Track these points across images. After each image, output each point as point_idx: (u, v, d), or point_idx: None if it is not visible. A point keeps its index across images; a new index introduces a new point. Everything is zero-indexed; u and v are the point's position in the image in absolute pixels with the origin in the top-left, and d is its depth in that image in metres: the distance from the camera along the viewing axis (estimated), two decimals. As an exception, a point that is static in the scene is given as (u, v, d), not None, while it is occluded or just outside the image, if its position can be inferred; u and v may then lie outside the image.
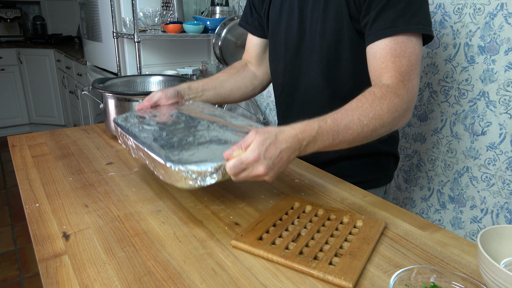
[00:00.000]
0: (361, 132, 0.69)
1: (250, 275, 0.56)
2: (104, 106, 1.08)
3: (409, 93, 0.73)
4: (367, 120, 0.69)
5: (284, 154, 0.63)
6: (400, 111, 0.72)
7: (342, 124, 0.68)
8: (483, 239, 0.53)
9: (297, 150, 0.65)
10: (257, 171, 0.62)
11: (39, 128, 4.01)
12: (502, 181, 1.24)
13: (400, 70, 0.74)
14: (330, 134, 0.67)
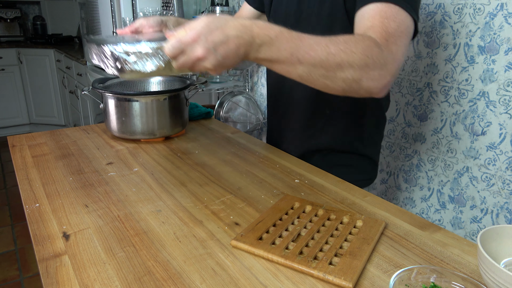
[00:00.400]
0: (324, 60, 0.60)
1: (250, 275, 0.56)
2: (104, 106, 1.08)
3: (391, 55, 0.65)
4: (335, 49, 0.61)
5: (231, 43, 0.57)
6: (375, 60, 0.63)
7: (306, 42, 0.60)
8: (483, 239, 0.53)
9: (248, 45, 0.58)
10: (195, 52, 0.57)
11: (39, 128, 4.01)
12: (502, 181, 1.24)
13: (387, 30, 0.67)
14: (290, 45, 0.60)
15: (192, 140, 1.12)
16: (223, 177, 0.88)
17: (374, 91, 0.65)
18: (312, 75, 0.62)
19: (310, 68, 0.61)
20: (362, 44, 0.62)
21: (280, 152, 1.04)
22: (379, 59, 0.63)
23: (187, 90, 1.12)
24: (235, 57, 0.59)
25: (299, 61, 0.60)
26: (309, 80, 0.64)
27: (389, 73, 0.65)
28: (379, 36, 0.67)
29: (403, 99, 1.51)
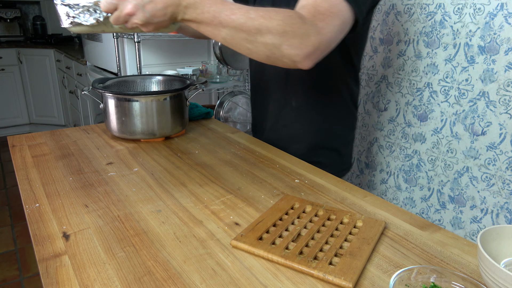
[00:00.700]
0: (243, 23, 0.66)
1: (250, 275, 0.56)
2: (104, 106, 1.08)
3: (315, 28, 0.69)
4: (255, 15, 0.66)
5: (159, 2, 0.65)
6: (295, 30, 0.66)
7: (228, 6, 0.67)
8: (483, 239, 0.53)
9: (175, 5, 0.66)
10: (126, 9, 0.65)
11: (39, 128, 4.01)
12: (502, 181, 1.24)
13: (316, 8, 0.71)
14: (214, 8, 0.66)
15: (192, 140, 1.12)
16: (223, 177, 0.88)
17: (296, 59, 0.69)
18: (234, 38, 0.68)
19: (232, 31, 0.67)
20: (283, 14, 0.67)
21: (280, 152, 1.04)
22: (300, 29, 0.67)
23: (187, 90, 1.12)
24: (162, 16, 0.66)
25: (221, 24, 0.67)
26: (233, 43, 0.69)
27: (311, 44, 0.68)
28: (307, 12, 0.71)
29: (403, 99, 1.51)
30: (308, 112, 1.03)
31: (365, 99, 1.67)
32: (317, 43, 0.69)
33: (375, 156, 1.68)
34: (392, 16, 1.49)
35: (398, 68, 1.50)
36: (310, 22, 0.69)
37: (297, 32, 0.67)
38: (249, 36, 0.67)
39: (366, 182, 1.75)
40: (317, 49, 0.69)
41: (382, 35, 1.55)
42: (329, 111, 1.03)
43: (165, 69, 2.34)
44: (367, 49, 1.63)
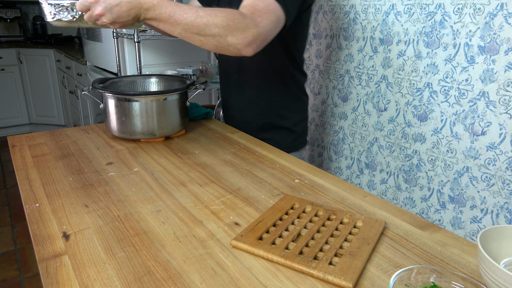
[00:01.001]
0: (193, 20, 0.82)
1: (250, 275, 0.56)
2: (104, 106, 1.08)
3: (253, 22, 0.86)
4: (203, 14, 0.82)
5: (124, 6, 0.81)
6: (236, 24, 0.83)
7: (181, 7, 0.82)
8: (483, 239, 0.53)
9: (137, 8, 0.81)
10: (96, 10, 0.81)
11: (39, 128, 4.01)
12: (502, 181, 1.24)
13: (255, 7, 0.88)
14: (169, 10, 0.82)
15: (192, 140, 1.12)
16: (223, 177, 0.88)
17: (240, 47, 0.86)
18: (188, 33, 0.84)
19: (185, 27, 0.83)
20: (226, 12, 0.83)
21: (280, 152, 1.04)
22: (240, 23, 0.84)
23: (187, 90, 1.12)
24: (127, 17, 0.82)
25: (176, 22, 0.82)
26: (187, 37, 0.85)
27: (251, 35, 0.85)
28: (247, 10, 0.88)
29: (403, 99, 1.51)
30: (258, 99, 1.23)
31: (365, 99, 1.68)
32: (256, 34, 0.86)
33: (375, 156, 1.68)
34: (392, 16, 1.49)
35: (398, 68, 1.50)
36: (250, 17, 0.86)
37: (238, 25, 0.83)
38: (199, 30, 0.83)
39: (366, 182, 1.75)
40: (256, 39, 0.86)
41: (382, 35, 1.55)
42: (276, 97, 1.22)
43: (165, 69, 2.34)
44: (366, 49, 1.63)
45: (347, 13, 1.69)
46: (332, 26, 1.78)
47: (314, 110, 1.98)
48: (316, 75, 1.93)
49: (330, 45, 1.81)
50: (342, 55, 1.76)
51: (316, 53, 1.91)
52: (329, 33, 1.80)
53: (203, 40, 0.85)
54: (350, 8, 1.67)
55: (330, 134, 1.90)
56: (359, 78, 1.69)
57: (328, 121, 1.91)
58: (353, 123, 1.76)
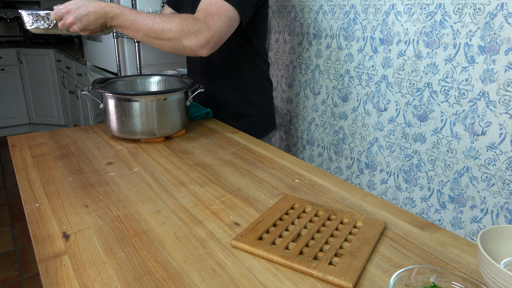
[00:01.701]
0: (151, 26, 0.93)
1: (250, 275, 0.56)
2: (104, 106, 1.08)
3: (206, 25, 0.96)
4: (159, 20, 0.94)
5: (91, 16, 0.92)
6: (189, 28, 0.94)
7: (141, 15, 0.94)
8: (483, 239, 0.53)
9: (103, 17, 0.93)
10: (68, 20, 0.92)
11: (39, 128, 4.01)
12: (502, 181, 1.24)
13: (207, 11, 0.98)
14: (130, 18, 0.93)
15: (192, 140, 1.12)
16: (223, 177, 0.88)
17: (194, 49, 0.96)
18: (148, 38, 0.95)
19: (145, 33, 0.94)
20: (180, 18, 0.94)
21: (280, 152, 1.04)
22: (193, 28, 0.94)
23: (187, 90, 1.12)
24: (95, 25, 0.94)
25: (137, 28, 0.94)
26: (147, 41, 0.96)
27: (204, 37, 0.95)
28: (200, 14, 0.97)
29: (403, 99, 1.51)
30: (227, 89, 1.31)
31: (365, 99, 1.68)
32: (209, 36, 0.96)
33: (375, 156, 1.68)
34: (392, 16, 1.49)
35: (398, 68, 1.50)
36: (202, 21, 0.96)
37: (191, 30, 0.94)
38: (157, 35, 0.94)
39: (366, 182, 1.75)
40: (210, 40, 0.96)
41: (382, 35, 1.55)
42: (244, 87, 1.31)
43: (165, 69, 2.34)
44: (366, 49, 1.63)
45: (347, 13, 1.69)
46: (332, 26, 1.78)
47: (314, 110, 1.98)
48: (316, 75, 1.93)
49: (330, 45, 1.81)
50: (342, 55, 1.76)
51: (316, 53, 1.91)
52: (329, 33, 1.80)
53: (161, 43, 0.96)
54: (350, 8, 1.67)
55: (330, 134, 1.91)
56: (359, 78, 1.69)
57: (328, 121, 1.91)
58: (353, 123, 1.76)
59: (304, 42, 1.97)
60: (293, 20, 2.02)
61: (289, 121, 2.20)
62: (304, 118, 2.07)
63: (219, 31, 0.98)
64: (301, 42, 1.99)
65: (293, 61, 2.08)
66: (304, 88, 2.04)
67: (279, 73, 2.20)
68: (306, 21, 1.93)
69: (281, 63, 2.17)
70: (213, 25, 0.96)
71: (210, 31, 0.96)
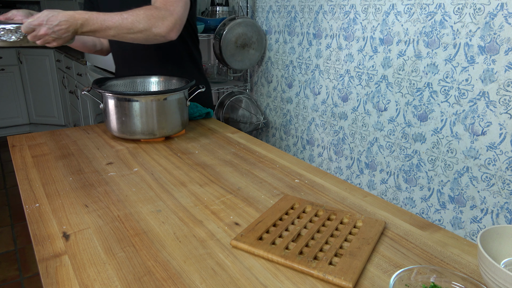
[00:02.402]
0: (121, 23, 0.98)
1: (250, 275, 0.56)
2: (104, 106, 1.08)
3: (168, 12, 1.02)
4: (127, 16, 0.99)
5: (62, 24, 0.94)
6: (154, 16, 1.00)
7: (109, 15, 0.98)
8: (483, 239, 0.53)
9: (74, 25, 0.95)
10: (41, 31, 0.94)
11: (39, 128, 4.01)
12: (502, 181, 1.24)
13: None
14: (99, 20, 0.97)
15: (192, 140, 1.12)
16: (223, 177, 0.88)
17: (164, 34, 1.03)
18: (120, 34, 0.99)
19: (117, 30, 0.98)
20: (144, 9, 1.01)
21: (280, 152, 1.04)
22: (158, 15, 1.01)
23: (187, 90, 1.12)
24: (67, 33, 0.96)
25: (108, 27, 0.98)
26: (121, 37, 1.00)
27: (169, 22, 1.02)
28: (159, 3, 1.05)
29: (403, 99, 1.51)
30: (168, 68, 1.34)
31: (365, 99, 1.68)
32: (174, 20, 1.03)
33: (375, 156, 1.68)
34: (392, 16, 1.49)
35: (398, 68, 1.50)
36: (163, 9, 1.03)
37: (157, 17, 1.00)
38: (128, 29, 0.99)
39: (366, 182, 1.75)
40: (175, 24, 1.03)
41: (382, 35, 1.55)
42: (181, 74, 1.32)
43: (165, 69, 2.34)
44: (366, 49, 1.63)
45: (347, 13, 1.69)
46: (332, 26, 1.78)
47: (314, 110, 1.98)
48: (316, 75, 1.93)
49: (330, 45, 1.81)
50: (342, 55, 1.76)
51: (316, 53, 1.91)
52: (329, 33, 1.80)
53: (133, 36, 1.01)
54: (350, 8, 1.67)
55: (330, 134, 1.90)
56: (359, 78, 1.69)
57: (328, 121, 1.91)
58: (353, 123, 1.76)
59: (304, 42, 1.97)
60: (293, 20, 2.02)
61: (289, 121, 2.20)
62: (304, 118, 2.07)
63: (181, 14, 1.06)
64: (301, 42, 1.99)
65: (293, 61, 2.08)
66: (304, 88, 2.04)
67: (279, 73, 2.20)
68: (306, 21, 1.93)
69: (281, 63, 2.17)
70: (174, 10, 1.04)
71: (173, 16, 1.03)
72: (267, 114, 2.36)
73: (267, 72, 2.29)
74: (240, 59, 2.20)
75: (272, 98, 2.29)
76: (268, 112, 2.36)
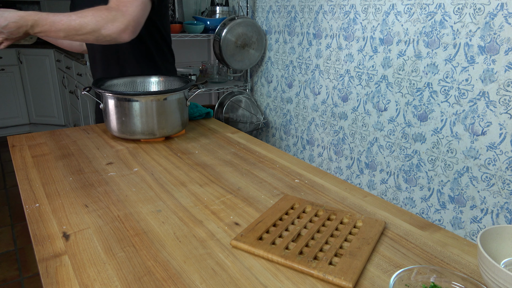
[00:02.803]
0: (70, 24, 0.97)
1: (250, 275, 0.56)
2: (104, 106, 1.08)
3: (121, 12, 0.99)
4: (75, 16, 0.98)
5: (12, 26, 0.94)
6: (104, 18, 0.98)
7: (58, 17, 0.97)
8: (483, 239, 0.53)
9: (24, 26, 0.95)
10: None
11: (39, 128, 4.01)
12: (502, 181, 1.24)
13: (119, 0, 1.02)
14: (48, 22, 0.96)
15: (192, 140, 1.12)
16: (223, 177, 0.88)
17: (114, 36, 1.00)
18: (69, 35, 0.99)
19: (66, 31, 0.98)
20: (93, 10, 0.99)
21: (280, 152, 1.04)
22: (108, 17, 0.98)
23: (187, 90, 1.12)
24: (17, 34, 0.96)
25: (57, 29, 0.97)
26: (71, 38, 0.99)
27: (120, 23, 0.99)
28: (112, 3, 1.02)
29: (403, 99, 1.51)
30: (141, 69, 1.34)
31: (365, 99, 1.68)
32: (126, 22, 1.00)
33: (375, 156, 1.68)
34: (392, 16, 1.49)
35: (398, 68, 1.50)
36: (115, 9, 1.00)
37: (106, 19, 0.98)
38: (77, 31, 0.98)
39: (366, 182, 1.75)
40: (127, 25, 1.00)
41: (382, 35, 1.55)
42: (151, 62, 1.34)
43: (165, 69, 2.34)
44: (366, 49, 1.63)
45: (347, 13, 1.69)
46: (332, 26, 1.78)
47: (314, 110, 1.98)
48: (316, 75, 1.93)
49: (330, 45, 1.81)
50: (342, 55, 1.76)
51: (316, 53, 1.91)
52: (329, 33, 1.80)
53: (83, 37, 0.99)
54: (350, 8, 1.67)
55: (330, 134, 1.91)
56: (359, 78, 1.69)
57: (328, 121, 1.91)
58: (353, 123, 1.76)
59: (304, 42, 1.97)
60: (293, 20, 2.02)
61: (289, 121, 2.20)
62: (304, 118, 2.07)
63: (135, 15, 1.02)
64: (301, 42, 1.99)
65: (293, 61, 2.08)
66: (304, 88, 2.04)
67: (279, 73, 2.20)
68: (306, 21, 1.93)
69: (281, 63, 2.17)
70: (127, 11, 1.01)
71: (125, 17, 1.00)
72: (267, 114, 2.36)
73: (267, 72, 2.29)
74: (240, 59, 2.20)
75: (272, 98, 2.29)
76: (268, 112, 2.36)
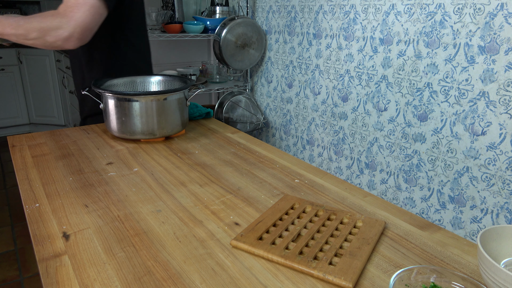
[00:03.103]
0: (17, 30, 0.97)
1: (250, 275, 0.56)
2: (104, 106, 1.08)
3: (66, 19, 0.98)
4: (22, 22, 0.98)
5: None
6: (48, 25, 0.97)
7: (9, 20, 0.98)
8: (483, 239, 0.53)
9: None
10: None
11: (39, 128, 4.00)
12: (502, 181, 1.24)
13: (66, 4, 1.00)
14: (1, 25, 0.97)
15: (192, 140, 1.12)
16: (223, 177, 0.88)
17: (60, 43, 0.99)
18: (20, 40, 0.99)
19: (16, 36, 0.98)
20: (40, 16, 0.98)
21: (280, 152, 1.04)
22: (52, 24, 0.97)
23: (187, 90, 1.12)
24: None
25: (9, 34, 0.98)
26: (22, 42, 1.00)
27: (65, 30, 0.97)
28: (60, 9, 1.00)
29: (403, 99, 1.51)
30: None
31: (365, 99, 1.68)
32: (71, 29, 0.98)
33: (375, 156, 1.68)
34: (392, 16, 1.50)
35: (398, 68, 1.50)
36: (62, 15, 0.98)
37: (50, 26, 0.97)
38: (25, 37, 0.98)
39: (366, 182, 1.75)
40: (73, 32, 0.98)
41: (382, 35, 1.55)
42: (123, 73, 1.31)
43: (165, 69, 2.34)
44: (366, 49, 1.63)
45: (347, 13, 1.69)
46: (332, 26, 1.78)
47: (314, 110, 1.98)
48: (316, 75, 1.93)
49: (330, 45, 1.81)
50: (342, 55, 1.76)
51: (316, 53, 1.91)
52: (329, 33, 1.81)
53: (31, 42, 1.00)
54: (350, 8, 1.67)
55: (330, 134, 1.91)
56: (359, 78, 1.69)
57: (328, 121, 1.91)
58: (353, 123, 1.76)
59: (304, 42, 1.97)
60: (293, 20, 2.02)
61: (289, 121, 2.20)
62: (304, 118, 2.07)
63: (82, 21, 0.99)
64: (301, 42, 1.99)
65: (293, 61, 2.08)
66: (304, 88, 2.04)
67: (279, 73, 2.20)
68: (306, 21, 1.93)
69: (281, 63, 2.17)
70: (73, 17, 0.98)
71: (70, 23, 0.98)
72: (267, 114, 2.36)
73: (267, 72, 2.30)
74: (240, 59, 2.20)
75: (272, 98, 2.29)
76: (268, 112, 2.36)
